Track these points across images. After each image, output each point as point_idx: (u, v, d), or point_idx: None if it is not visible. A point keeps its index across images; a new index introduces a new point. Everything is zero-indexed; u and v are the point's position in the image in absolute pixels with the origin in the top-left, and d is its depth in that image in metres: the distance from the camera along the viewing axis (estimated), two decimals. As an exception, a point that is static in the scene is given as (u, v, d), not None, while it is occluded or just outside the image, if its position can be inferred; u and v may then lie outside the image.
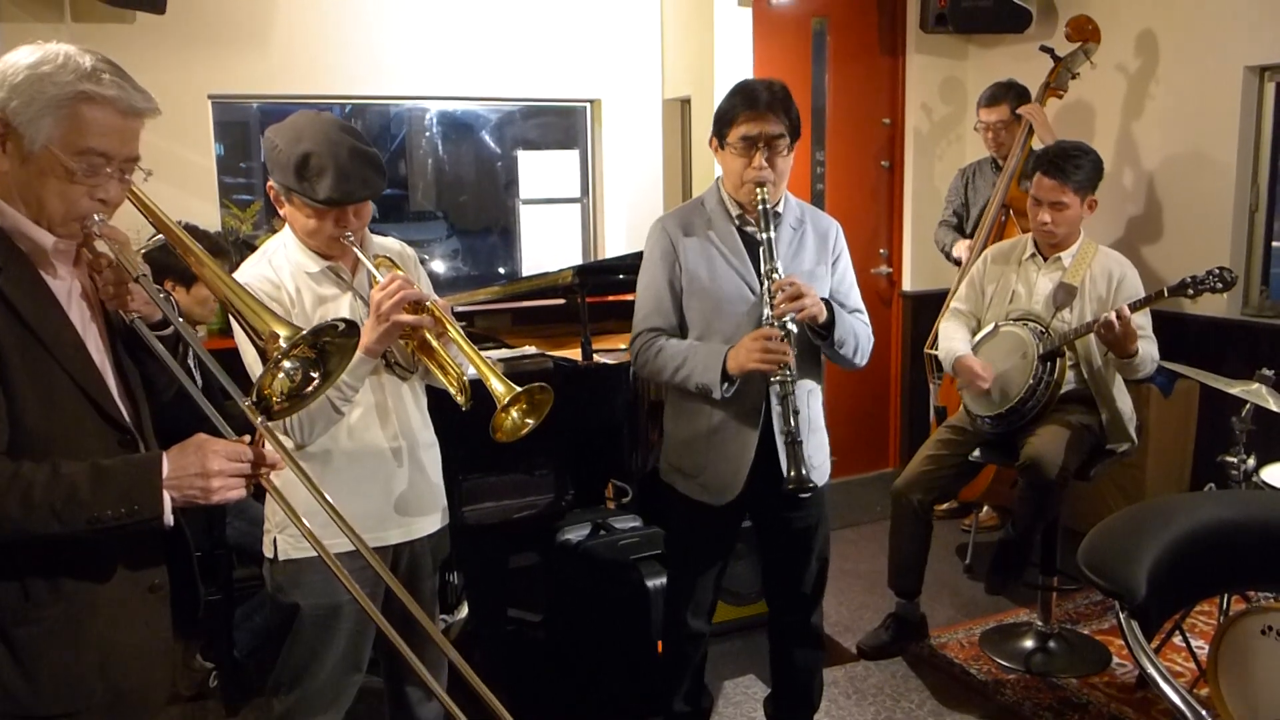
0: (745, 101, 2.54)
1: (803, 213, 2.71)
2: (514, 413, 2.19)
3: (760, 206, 2.54)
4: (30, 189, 1.57)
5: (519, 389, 2.16)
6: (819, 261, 2.68)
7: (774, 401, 2.54)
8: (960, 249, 4.63)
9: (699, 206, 2.71)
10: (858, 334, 2.68)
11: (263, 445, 1.64)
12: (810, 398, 2.70)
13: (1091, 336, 3.30)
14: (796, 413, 2.50)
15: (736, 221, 2.65)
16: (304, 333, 1.68)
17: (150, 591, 1.72)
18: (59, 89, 1.53)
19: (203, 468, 1.56)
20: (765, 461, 2.61)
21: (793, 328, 2.50)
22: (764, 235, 2.54)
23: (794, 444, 2.49)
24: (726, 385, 2.53)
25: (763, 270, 2.54)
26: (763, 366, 2.47)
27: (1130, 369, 3.32)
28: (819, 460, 2.74)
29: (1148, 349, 3.30)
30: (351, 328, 1.74)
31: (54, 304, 1.62)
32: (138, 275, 1.65)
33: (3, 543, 1.52)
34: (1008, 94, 4.54)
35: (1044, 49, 4.55)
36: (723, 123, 2.59)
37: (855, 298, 2.77)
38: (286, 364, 1.70)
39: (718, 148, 2.63)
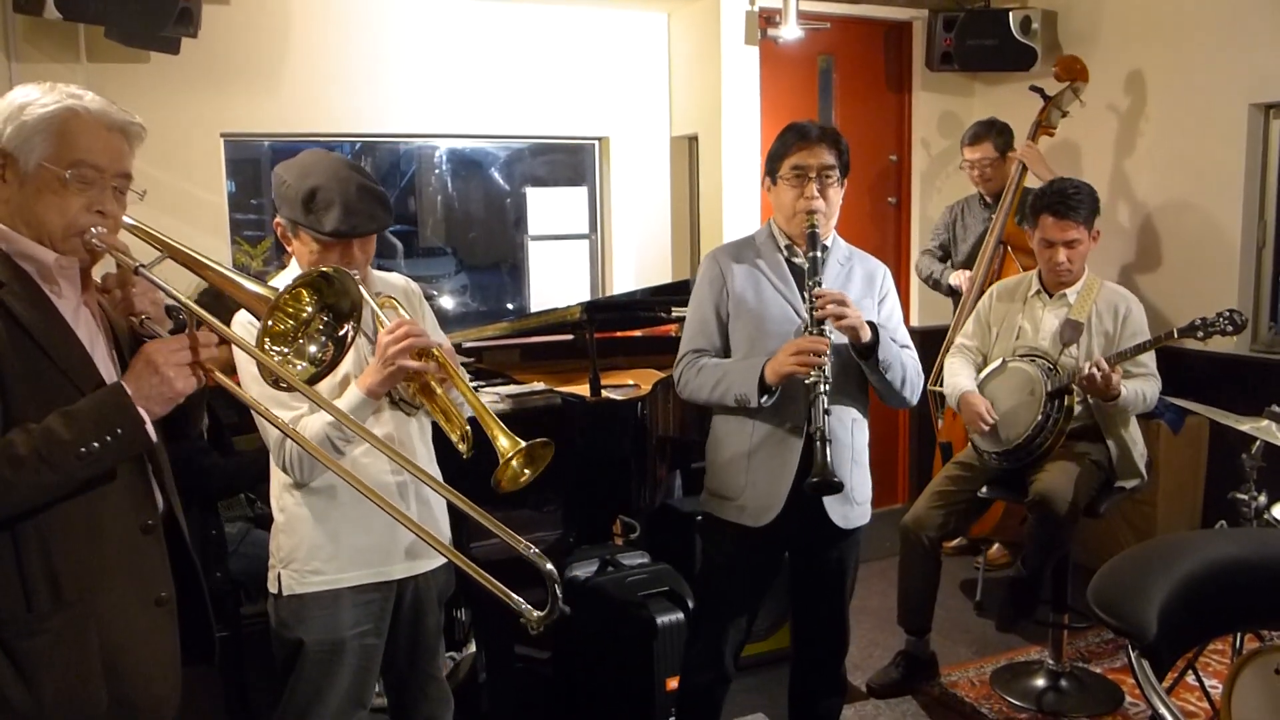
0: (797, 135, 2.62)
1: (851, 253, 2.76)
2: (514, 463, 2.17)
3: (809, 230, 2.58)
4: (30, 209, 1.64)
5: (523, 444, 2.14)
6: (865, 296, 2.70)
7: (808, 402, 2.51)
8: (957, 278, 4.66)
9: (750, 240, 2.77)
10: (905, 364, 2.66)
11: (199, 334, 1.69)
12: (855, 427, 2.70)
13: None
14: (828, 413, 2.46)
15: (785, 252, 2.69)
16: (292, 282, 1.77)
17: (156, 605, 1.73)
18: (45, 109, 1.63)
19: (151, 366, 1.62)
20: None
21: (830, 335, 2.50)
22: (809, 254, 2.57)
23: (822, 441, 2.44)
24: (765, 396, 2.54)
25: (806, 283, 2.56)
26: (797, 368, 2.46)
27: (1116, 410, 3.35)
28: (862, 497, 2.75)
29: (1139, 388, 3.33)
30: (324, 275, 1.80)
31: (59, 319, 1.66)
32: (136, 266, 1.71)
33: (3, 515, 1.54)
34: (989, 132, 4.61)
35: (1034, 89, 4.62)
36: (775, 158, 2.65)
37: (903, 335, 2.75)
38: (312, 348, 1.79)
39: (770, 185, 2.69)
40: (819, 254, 2.58)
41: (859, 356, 2.60)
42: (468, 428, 2.21)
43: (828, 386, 2.47)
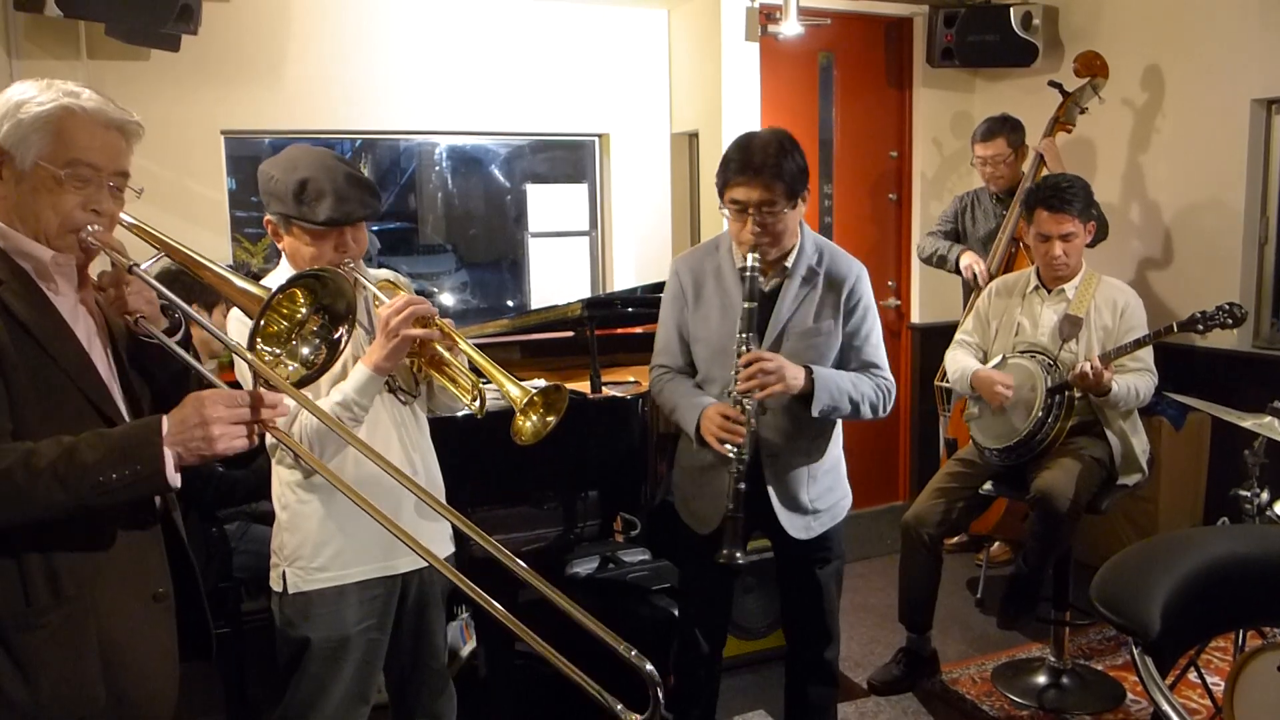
0: (739, 165, 2.48)
1: (820, 259, 2.63)
2: (533, 416, 2.21)
3: (749, 274, 2.49)
4: (26, 207, 1.64)
5: (533, 391, 2.19)
6: (828, 316, 2.62)
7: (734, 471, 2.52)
8: (967, 259, 4.51)
9: (713, 250, 2.70)
10: (855, 399, 2.59)
11: (262, 392, 1.67)
12: (814, 446, 2.70)
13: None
14: (740, 492, 2.49)
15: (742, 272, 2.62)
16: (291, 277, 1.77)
17: (154, 600, 1.74)
18: (42, 107, 1.63)
19: (201, 418, 1.58)
20: (760, 502, 2.62)
21: (749, 406, 2.48)
22: (745, 305, 2.50)
23: (733, 519, 2.50)
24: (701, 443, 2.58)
25: (737, 337, 2.51)
26: (712, 443, 2.51)
27: (1109, 405, 3.35)
28: (827, 503, 2.74)
29: (1132, 383, 3.33)
30: (318, 275, 1.81)
31: (57, 317, 1.66)
32: (131, 265, 1.71)
33: (5, 524, 1.53)
34: (1003, 128, 4.52)
35: (1053, 84, 4.56)
36: (720, 179, 2.56)
37: (871, 350, 2.68)
38: (305, 350, 1.79)
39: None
40: (755, 304, 2.50)
41: (800, 402, 2.57)
42: (480, 386, 2.22)
43: (743, 467, 2.49)
